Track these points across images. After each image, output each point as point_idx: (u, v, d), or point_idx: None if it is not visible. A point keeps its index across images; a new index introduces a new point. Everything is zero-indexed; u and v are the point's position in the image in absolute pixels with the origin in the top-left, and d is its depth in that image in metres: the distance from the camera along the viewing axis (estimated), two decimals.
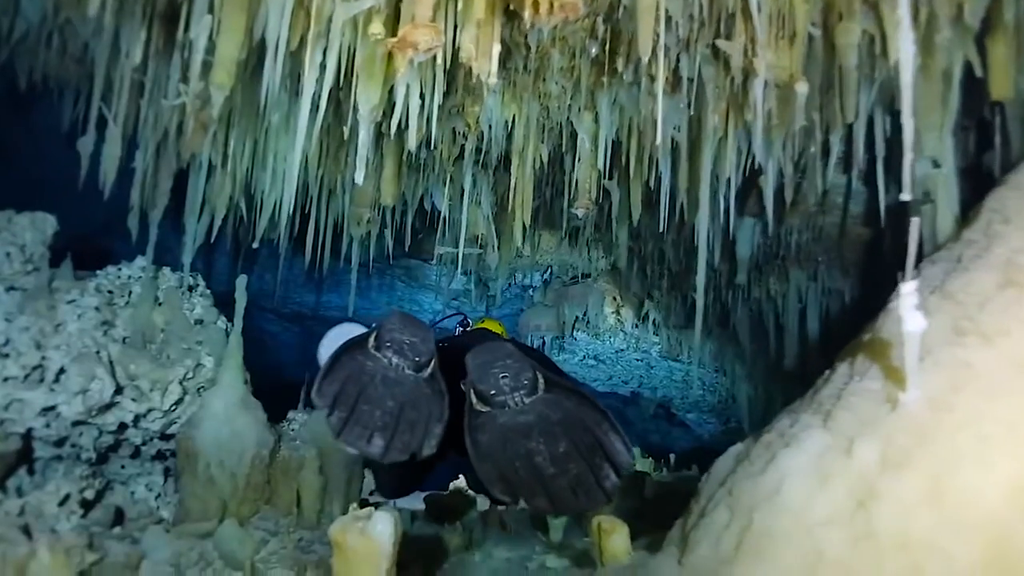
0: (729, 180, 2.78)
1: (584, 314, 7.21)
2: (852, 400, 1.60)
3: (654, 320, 6.12)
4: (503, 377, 2.09)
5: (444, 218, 3.81)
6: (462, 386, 2.18)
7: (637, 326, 6.36)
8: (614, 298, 5.89)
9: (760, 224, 3.89)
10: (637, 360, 8.36)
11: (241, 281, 3.10)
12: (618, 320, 6.24)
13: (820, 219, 3.82)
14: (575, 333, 7.82)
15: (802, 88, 2.18)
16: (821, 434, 1.59)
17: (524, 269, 7.04)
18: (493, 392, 2.07)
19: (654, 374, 8.60)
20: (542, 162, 3.26)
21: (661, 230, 2.90)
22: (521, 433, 2.04)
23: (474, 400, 2.10)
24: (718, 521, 1.68)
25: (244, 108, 2.99)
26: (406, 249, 6.92)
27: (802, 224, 3.88)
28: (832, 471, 1.45)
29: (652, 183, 3.06)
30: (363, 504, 2.56)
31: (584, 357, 8.32)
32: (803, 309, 4.38)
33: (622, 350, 8.17)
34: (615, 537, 2.31)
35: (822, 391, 1.79)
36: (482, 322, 3.85)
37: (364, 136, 2.32)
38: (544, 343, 7.74)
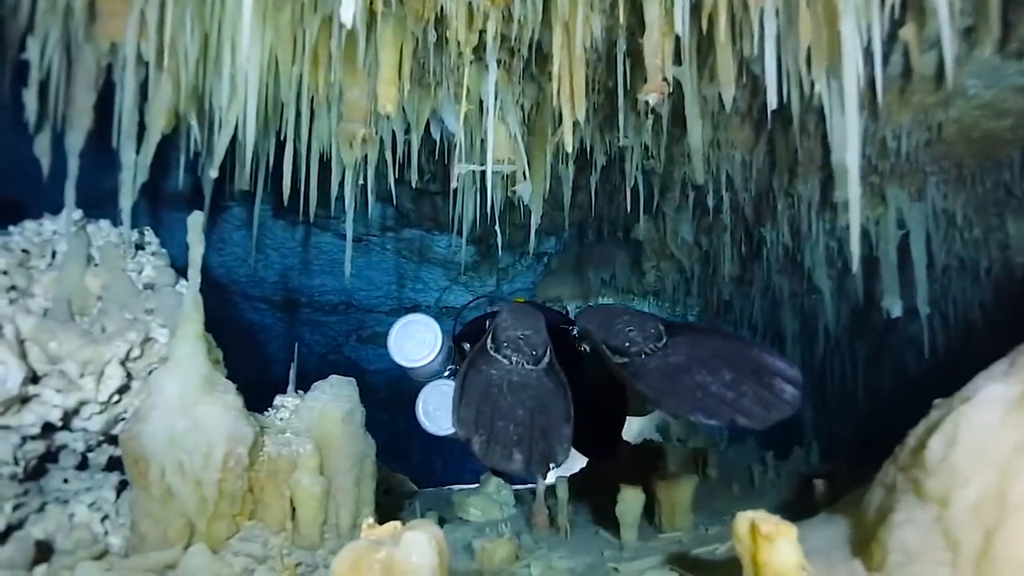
0: (870, 27, 1.96)
1: (612, 276, 6.39)
2: None
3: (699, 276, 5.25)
4: (630, 331, 2.17)
5: (459, 143, 2.97)
6: (583, 348, 2.39)
7: (679, 285, 5.50)
8: (654, 250, 5.03)
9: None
10: None
11: (195, 219, 2.27)
12: (658, 276, 5.38)
13: (939, 114, 2.98)
14: (600, 299, 7.02)
15: None
16: None
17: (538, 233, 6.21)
18: (627, 344, 2.15)
19: None
20: (593, 40, 2.42)
21: (773, 108, 2.07)
22: (682, 370, 2.04)
23: (610, 355, 2.16)
24: None
25: None
26: (409, 209, 6.13)
27: (913, 123, 3.05)
28: None
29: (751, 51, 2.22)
30: (380, 516, 1.76)
31: None
32: (905, 236, 3.55)
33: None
34: (781, 546, 1.49)
35: None
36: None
37: None
38: (567, 313, 6.94)
